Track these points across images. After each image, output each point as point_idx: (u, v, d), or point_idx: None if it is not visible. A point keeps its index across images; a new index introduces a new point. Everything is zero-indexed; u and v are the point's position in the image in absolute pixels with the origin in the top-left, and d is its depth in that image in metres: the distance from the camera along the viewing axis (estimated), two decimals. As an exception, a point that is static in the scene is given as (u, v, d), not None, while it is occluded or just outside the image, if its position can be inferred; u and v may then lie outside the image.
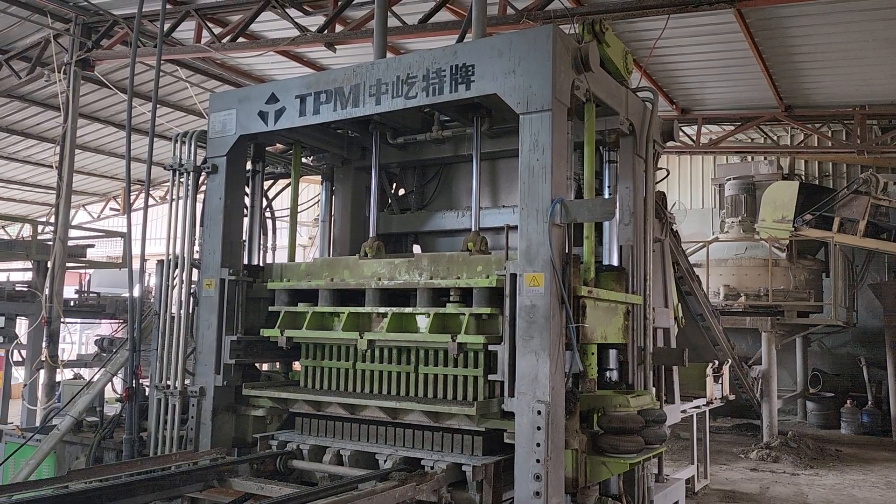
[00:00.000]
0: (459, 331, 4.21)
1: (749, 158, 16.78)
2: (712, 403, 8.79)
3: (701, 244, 13.55)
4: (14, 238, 19.91)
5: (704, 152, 15.77)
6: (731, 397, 9.89)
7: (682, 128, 14.76)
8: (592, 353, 4.30)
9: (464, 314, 4.25)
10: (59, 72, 11.49)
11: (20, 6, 11.25)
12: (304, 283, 4.96)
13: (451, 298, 4.38)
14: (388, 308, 4.54)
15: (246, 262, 5.52)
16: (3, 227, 25.68)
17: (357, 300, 4.81)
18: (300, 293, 5.02)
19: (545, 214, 3.88)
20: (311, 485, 4.46)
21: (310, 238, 20.06)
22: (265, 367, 6.38)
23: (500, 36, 4.32)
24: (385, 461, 4.31)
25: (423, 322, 4.45)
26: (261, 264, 5.70)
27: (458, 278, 4.37)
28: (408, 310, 4.49)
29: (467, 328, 4.20)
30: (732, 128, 14.82)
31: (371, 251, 4.92)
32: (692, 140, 14.85)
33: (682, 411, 6.68)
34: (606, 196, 4.89)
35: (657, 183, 5.45)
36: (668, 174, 6.13)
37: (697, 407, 8.38)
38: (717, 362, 9.04)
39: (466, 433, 4.22)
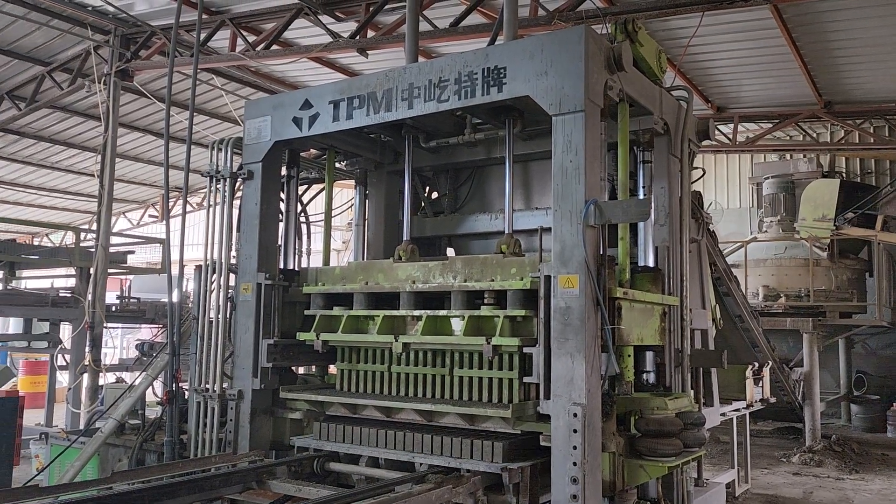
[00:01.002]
0: (494, 333, 4.20)
1: (788, 156, 16.46)
2: (752, 406, 8.62)
3: (739, 244, 13.31)
4: (57, 245, 20.44)
5: (741, 151, 15.49)
6: (772, 400, 9.69)
7: (718, 126, 14.55)
8: (629, 356, 4.25)
9: (498, 316, 4.24)
10: (100, 82, 11.76)
11: (61, 19, 11.56)
12: (340, 287, 5.00)
13: (486, 301, 4.38)
14: (423, 311, 4.56)
15: (281, 266, 5.59)
16: (46, 234, 26.41)
17: (391, 303, 4.84)
18: (335, 297, 5.07)
19: (579, 216, 3.86)
20: (348, 487, 4.49)
21: (343, 242, 20.22)
22: (301, 370, 6.45)
23: (531, 38, 4.31)
24: (421, 465, 4.31)
25: (457, 325, 4.46)
26: (296, 269, 5.76)
27: (492, 281, 4.37)
28: (442, 313, 4.50)
29: (502, 330, 4.19)
30: (770, 125, 14.53)
31: (405, 255, 4.94)
32: (728, 139, 14.62)
33: (721, 414, 6.56)
34: (641, 197, 4.84)
35: (693, 182, 5.38)
36: (704, 173, 6.05)
37: (737, 410, 8.22)
38: (756, 364, 8.86)
39: (502, 436, 4.21)
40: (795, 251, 13.30)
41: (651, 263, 4.81)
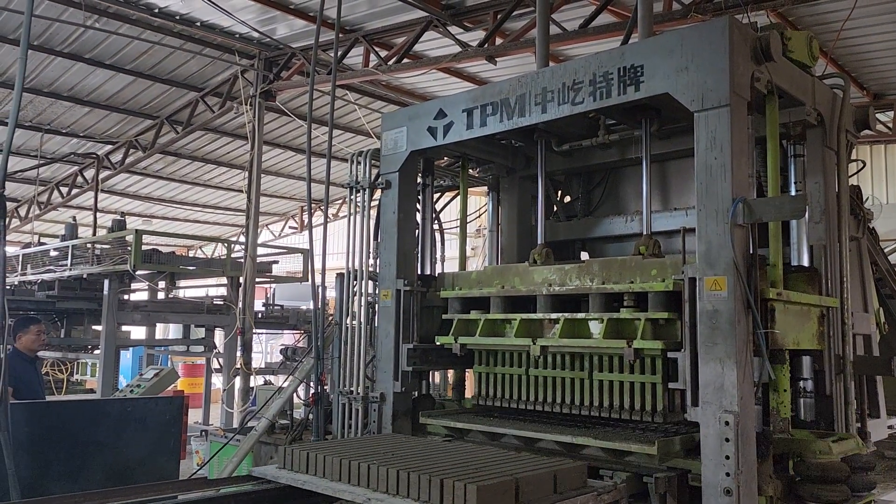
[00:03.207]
0: (635, 336, 4.08)
1: (957, 144, 14.91)
2: (924, 420, 7.83)
3: (901, 242, 12.20)
4: (210, 257, 22.03)
5: (903, 140, 14.20)
6: (947, 413, 8.76)
7: (876, 114, 13.43)
8: (784, 374, 3.94)
9: (639, 319, 4.12)
10: (246, 104, 12.63)
11: (212, 47, 12.52)
12: (476, 291, 5.06)
13: (625, 303, 4.27)
14: (560, 314, 4.51)
15: (419, 272, 5.72)
16: (200, 247, 28.59)
17: (527, 307, 4.83)
18: (472, 301, 5.13)
19: (726, 215, 3.68)
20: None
21: (472, 248, 20.42)
22: (436, 376, 6.58)
23: (670, 33, 4.17)
24: (562, 471, 4.26)
25: (596, 327, 4.38)
26: (433, 274, 5.88)
27: (632, 283, 4.25)
28: (580, 315, 4.44)
29: (643, 333, 4.07)
30: (936, 111, 13.25)
31: (540, 258, 4.92)
32: (888, 127, 13.45)
33: (888, 427, 6.01)
34: (793, 193, 4.55)
35: (851, 176, 4.99)
36: (864, 166, 5.60)
37: (906, 423, 7.50)
38: (927, 373, 8.06)
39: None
40: (970, 249, 11.99)
41: (805, 263, 4.50)
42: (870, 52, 11.32)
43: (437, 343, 5.18)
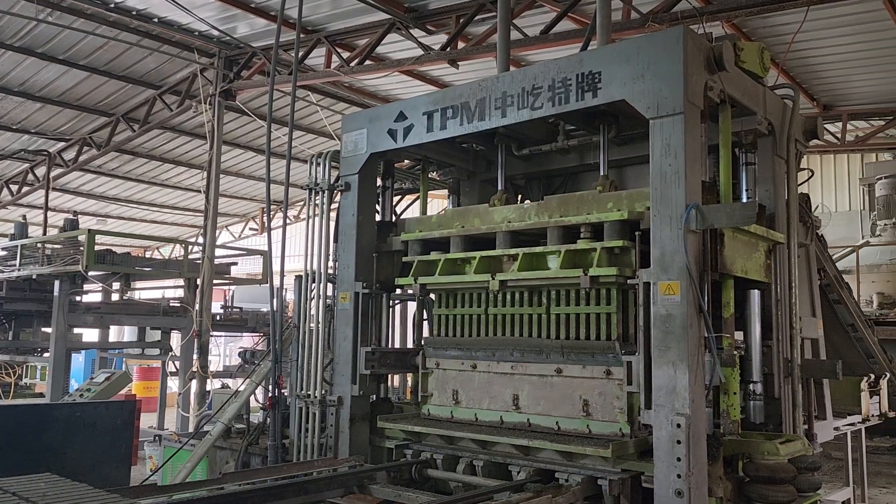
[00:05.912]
0: (591, 265, 4.18)
1: (903, 155, 15.43)
2: (868, 421, 8.08)
3: (849, 249, 12.60)
4: (167, 258, 21.60)
5: (851, 150, 14.65)
6: (892, 415, 9.06)
7: (825, 125, 13.83)
8: (734, 377, 4.03)
9: (595, 249, 4.22)
10: (205, 103, 12.42)
11: (171, 44, 12.29)
12: (437, 233, 5.10)
13: (582, 235, 4.36)
14: (519, 249, 4.57)
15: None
16: (157, 248, 28.02)
17: (487, 248, 4.87)
18: (432, 243, 5.17)
19: (679, 221, 3.75)
20: (445, 493, 4.52)
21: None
22: (395, 380, 6.54)
23: (627, 41, 4.24)
24: (518, 472, 4.29)
25: (553, 261, 4.44)
26: (391, 220, 5.86)
27: (589, 214, 4.36)
28: (538, 249, 4.51)
29: (599, 261, 4.16)
30: (882, 123, 13.69)
31: (500, 202, 5.02)
32: (836, 138, 13.86)
33: (834, 428, 6.19)
34: (744, 200, 4.66)
35: (800, 185, 5.14)
36: (811, 175, 5.76)
37: (852, 424, 7.73)
38: (872, 376, 8.32)
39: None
40: (914, 256, 12.44)
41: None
42: (820, 64, 11.65)
43: (398, 284, 5.21)
